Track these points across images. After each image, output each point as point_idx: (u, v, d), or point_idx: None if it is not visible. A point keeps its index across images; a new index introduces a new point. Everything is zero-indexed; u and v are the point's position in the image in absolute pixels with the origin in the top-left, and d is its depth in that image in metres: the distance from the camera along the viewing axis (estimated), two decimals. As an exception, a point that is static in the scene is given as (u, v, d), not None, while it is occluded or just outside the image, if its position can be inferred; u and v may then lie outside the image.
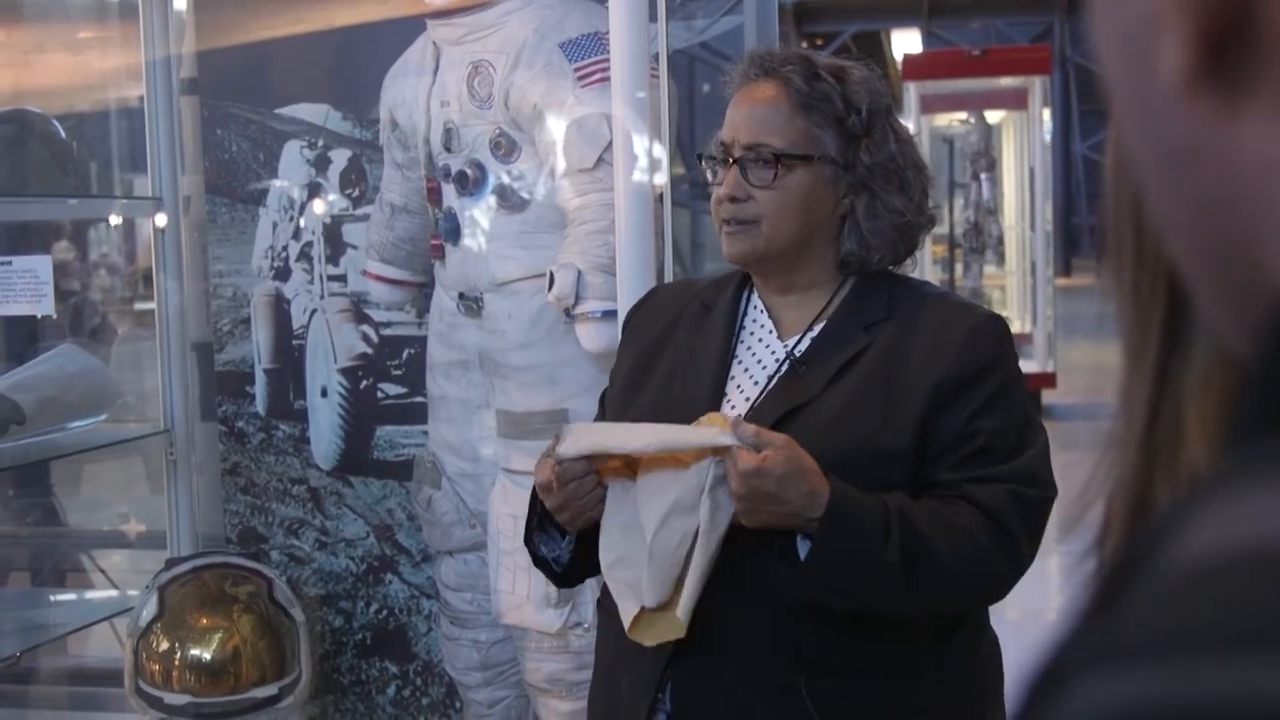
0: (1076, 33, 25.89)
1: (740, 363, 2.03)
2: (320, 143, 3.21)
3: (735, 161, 1.98)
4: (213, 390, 3.37)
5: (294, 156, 3.24)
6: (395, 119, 3.11)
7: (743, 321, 2.06)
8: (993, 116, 11.62)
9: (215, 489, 3.37)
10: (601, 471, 1.92)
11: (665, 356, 2.07)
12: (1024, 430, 1.94)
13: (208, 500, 3.39)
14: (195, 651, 3.04)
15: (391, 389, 3.17)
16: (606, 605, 2.03)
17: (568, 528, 1.98)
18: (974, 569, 1.87)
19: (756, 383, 2.00)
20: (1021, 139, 11.78)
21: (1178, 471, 0.57)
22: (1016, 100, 11.53)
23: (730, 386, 2.01)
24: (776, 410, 1.93)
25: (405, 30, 3.11)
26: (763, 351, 2.02)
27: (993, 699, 2.05)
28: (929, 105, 11.50)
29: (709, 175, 2.07)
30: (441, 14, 3.04)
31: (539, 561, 2.06)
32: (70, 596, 4.23)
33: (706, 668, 1.91)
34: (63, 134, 3.58)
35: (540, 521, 2.04)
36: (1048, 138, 11.32)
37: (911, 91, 11.34)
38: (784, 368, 1.99)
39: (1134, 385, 0.60)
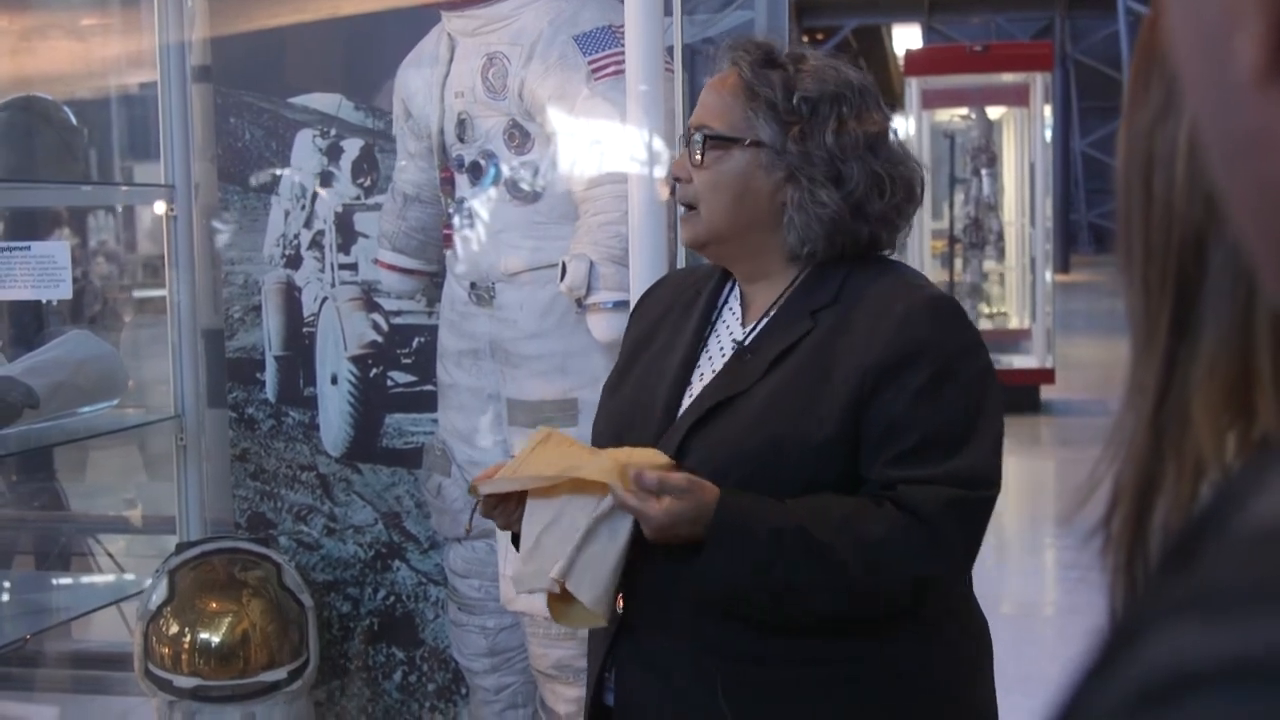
0: (1077, 29, 25.88)
1: (706, 351, 2.05)
2: (333, 132, 3.23)
3: (688, 144, 2.02)
4: (223, 376, 3.39)
5: (306, 145, 3.26)
6: (409, 109, 3.13)
7: (721, 309, 2.08)
8: (993, 112, 11.63)
9: (225, 475, 3.39)
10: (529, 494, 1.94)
11: (657, 342, 2.09)
12: (968, 422, 1.85)
13: (217, 486, 3.41)
14: (204, 635, 3.06)
15: (401, 377, 3.20)
16: None
17: (499, 525, 2.02)
18: (886, 577, 1.82)
19: (715, 370, 2.01)
20: (1022, 135, 11.80)
21: (1184, 452, 0.60)
22: (1017, 96, 11.55)
23: (694, 375, 2.02)
24: (712, 400, 1.94)
25: (419, 21, 3.13)
26: (726, 338, 2.04)
27: (956, 693, 1.99)
28: (930, 101, 11.51)
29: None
30: (456, 5, 3.06)
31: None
32: (76, 580, 4.25)
33: (640, 650, 1.96)
34: (73, 120, 3.59)
35: None
36: (1048, 134, 11.33)
37: (913, 87, 11.35)
38: (731, 356, 2.00)
39: (1143, 372, 0.63)
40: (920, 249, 11.35)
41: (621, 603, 1.95)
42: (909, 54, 12.43)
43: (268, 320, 3.32)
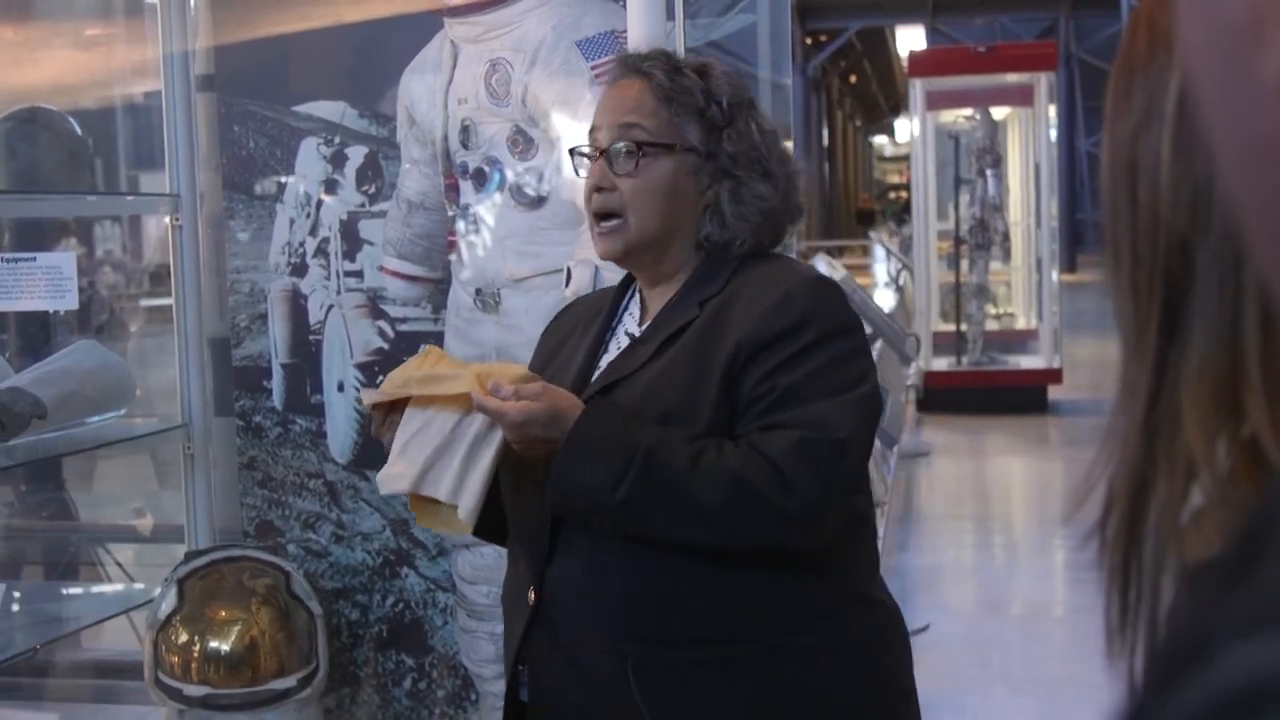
0: (1081, 29, 25.87)
1: (606, 353, 2.11)
2: (337, 139, 3.24)
3: (602, 153, 2.04)
4: (229, 385, 3.39)
5: (311, 153, 3.27)
6: (412, 116, 3.14)
7: (621, 315, 2.15)
8: (998, 113, 11.62)
9: (232, 483, 3.40)
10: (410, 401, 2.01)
11: (560, 358, 2.16)
12: (832, 386, 1.90)
13: (225, 494, 3.42)
14: (214, 644, 3.07)
15: (407, 384, 3.20)
16: (505, 601, 2.11)
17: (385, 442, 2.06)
18: (729, 510, 1.85)
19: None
20: (1027, 135, 11.79)
21: (1175, 454, 0.60)
22: (1022, 97, 11.54)
23: (595, 375, 2.08)
24: (602, 383, 2.01)
25: (422, 28, 3.13)
26: (623, 337, 2.11)
27: (879, 683, 2.02)
28: (934, 102, 11.51)
29: (576, 171, 2.14)
30: (459, 11, 3.07)
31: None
32: (85, 590, 4.26)
33: (550, 640, 1.99)
34: (78, 131, 3.60)
35: None
36: (1053, 134, 11.33)
37: (917, 88, 11.35)
38: (624, 348, 2.07)
39: (1134, 376, 0.63)
40: (926, 250, 11.35)
41: (533, 595, 1.99)
42: (913, 55, 12.43)
43: (274, 328, 3.32)
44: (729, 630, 1.92)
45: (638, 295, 2.14)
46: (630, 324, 2.12)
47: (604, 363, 2.09)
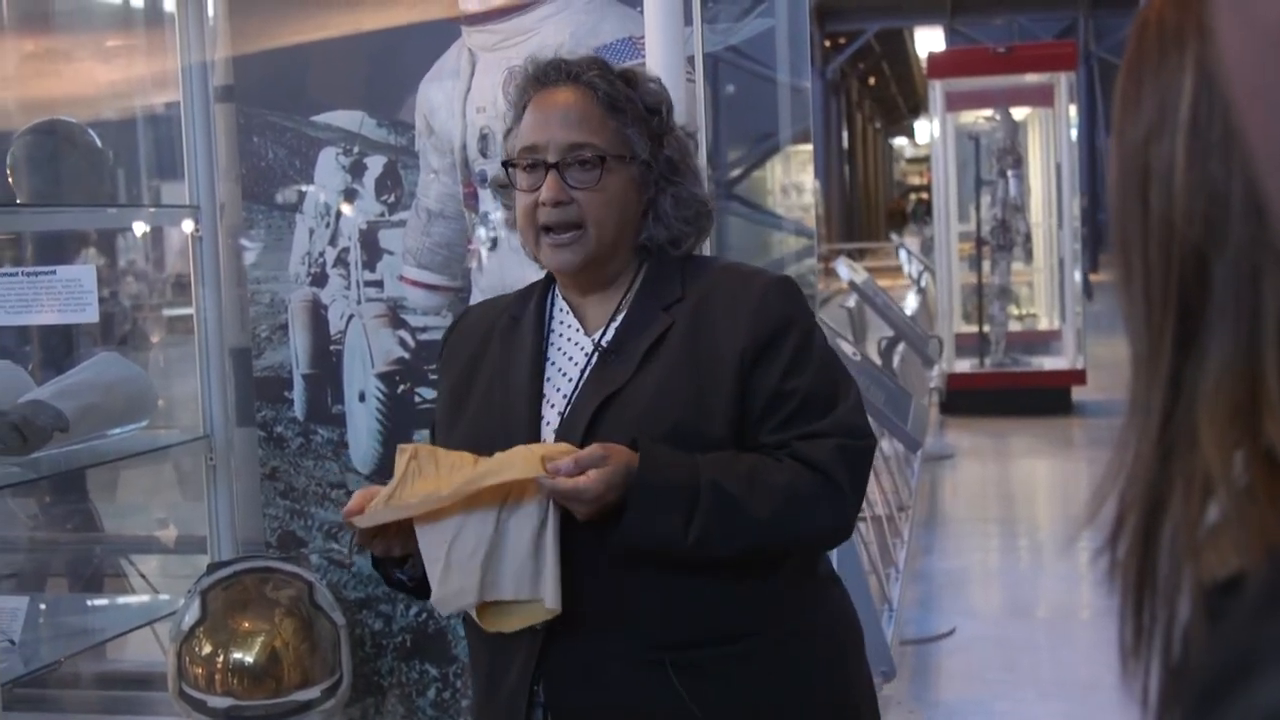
0: (1100, 27, 25.80)
1: (553, 363, 2.10)
2: (356, 149, 3.24)
3: (553, 165, 2.02)
4: (251, 395, 3.39)
5: (330, 163, 3.26)
6: (431, 125, 3.14)
7: (550, 325, 2.13)
8: (1018, 113, 11.58)
9: (255, 493, 3.39)
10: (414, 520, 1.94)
11: (482, 372, 2.13)
12: (834, 382, 2.04)
13: (247, 505, 3.41)
14: (237, 655, 3.06)
15: (428, 393, 3.19)
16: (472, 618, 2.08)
17: (377, 554, 2.03)
18: (789, 521, 1.94)
19: (570, 378, 2.07)
20: (1048, 135, 11.75)
21: (1192, 472, 0.58)
22: (1042, 97, 11.50)
23: (547, 387, 2.08)
24: (594, 400, 2.00)
25: (439, 36, 3.13)
26: (571, 349, 2.10)
27: (851, 648, 2.15)
28: (954, 103, 11.48)
29: (509, 181, 2.11)
30: (477, 19, 3.06)
31: (394, 583, 2.10)
32: (109, 601, 4.26)
33: (574, 655, 1.98)
34: (99, 144, 3.60)
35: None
36: (1074, 134, 11.29)
37: (937, 89, 11.33)
38: (594, 359, 2.06)
39: (1146, 390, 0.61)
40: (948, 252, 11.32)
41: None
42: (932, 56, 12.42)
43: (295, 338, 3.32)
44: (744, 626, 2.00)
45: (563, 301, 2.13)
46: (572, 334, 2.11)
47: (553, 373, 2.08)
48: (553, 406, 2.06)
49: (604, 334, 2.07)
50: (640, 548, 1.92)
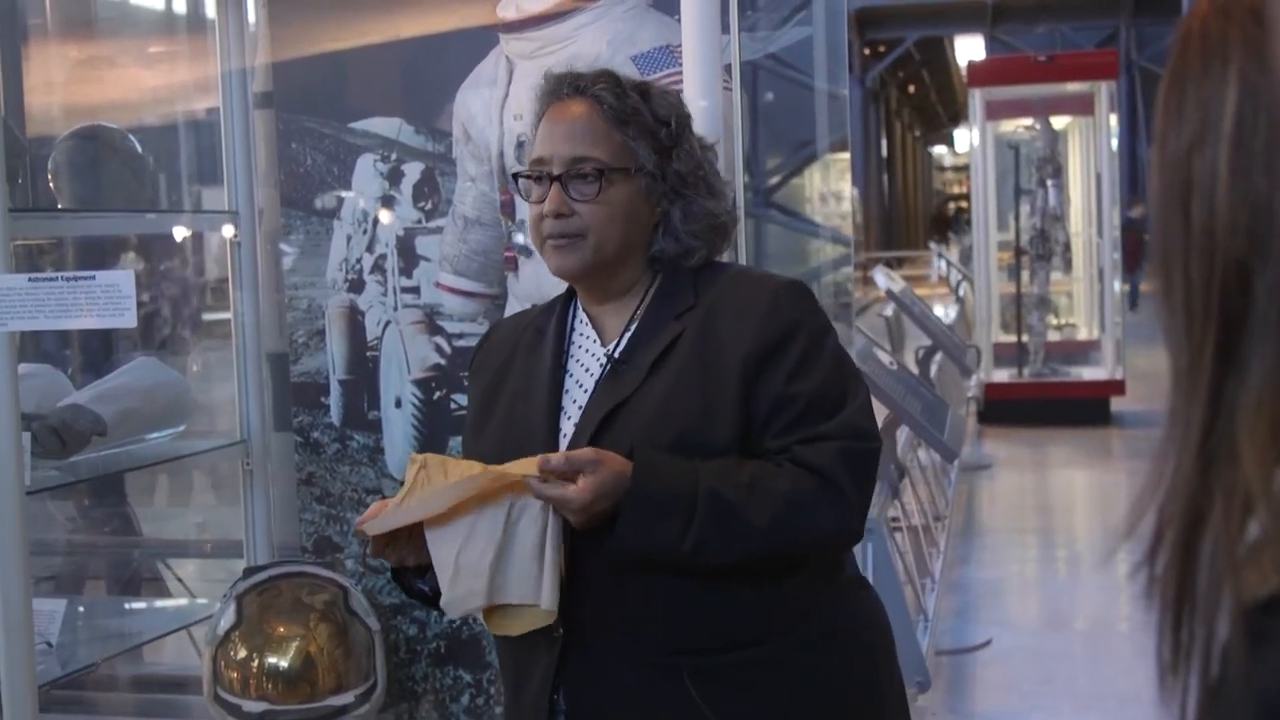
0: (1142, 36, 25.65)
1: (571, 375, 2.11)
2: (393, 156, 3.25)
3: (556, 178, 2.04)
4: (288, 401, 3.40)
5: (368, 170, 3.27)
6: (468, 132, 3.14)
7: (571, 337, 2.14)
8: (1059, 122, 11.53)
9: (291, 499, 3.40)
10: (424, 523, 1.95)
11: (507, 385, 2.15)
12: (843, 385, 2.01)
13: (283, 510, 3.42)
14: (273, 660, 3.07)
15: (464, 399, 3.19)
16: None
17: (391, 563, 2.07)
18: (789, 527, 1.92)
19: (585, 390, 2.08)
20: (1088, 145, 11.70)
21: (1232, 488, 0.57)
22: (1083, 106, 11.45)
23: (565, 400, 2.09)
24: (602, 408, 2.01)
25: (477, 44, 3.13)
26: (589, 360, 2.10)
27: (881, 654, 2.11)
28: (994, 111, 11.44)
29: (521, 193, 2.14)
30: (514, 27, 3.06)
31: (414, 594, 2.13)
32: (146, 605, 4.28)
33: (592, 662, 1.99)
34: (139, 149, 3.63)
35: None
36: (1114, 143, 11.22)
37: (977, 98, 11.29)
38: (606, 370, 2.06)
39: (1186, 405, 0.60)
40: (986, 261, 11.27)
41: (561, 629, 1.98)
42: (972, 65, 12.38)
43: (331, 344, 3.33)
44: (760, 631, 1.99)
45: (583, 313, 2.15)
46: (589, 344, 2.12)
47: (571, 385, 2.09)
48: (569, 419, 2.07)
49: (618, 345, 2.08)
50: (637, 556, 1.92)
